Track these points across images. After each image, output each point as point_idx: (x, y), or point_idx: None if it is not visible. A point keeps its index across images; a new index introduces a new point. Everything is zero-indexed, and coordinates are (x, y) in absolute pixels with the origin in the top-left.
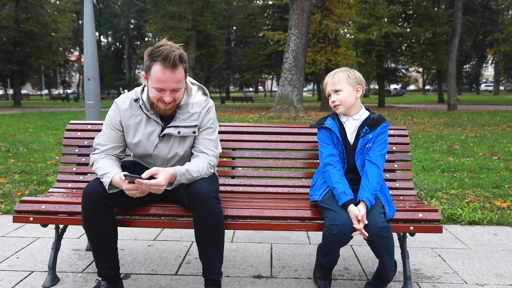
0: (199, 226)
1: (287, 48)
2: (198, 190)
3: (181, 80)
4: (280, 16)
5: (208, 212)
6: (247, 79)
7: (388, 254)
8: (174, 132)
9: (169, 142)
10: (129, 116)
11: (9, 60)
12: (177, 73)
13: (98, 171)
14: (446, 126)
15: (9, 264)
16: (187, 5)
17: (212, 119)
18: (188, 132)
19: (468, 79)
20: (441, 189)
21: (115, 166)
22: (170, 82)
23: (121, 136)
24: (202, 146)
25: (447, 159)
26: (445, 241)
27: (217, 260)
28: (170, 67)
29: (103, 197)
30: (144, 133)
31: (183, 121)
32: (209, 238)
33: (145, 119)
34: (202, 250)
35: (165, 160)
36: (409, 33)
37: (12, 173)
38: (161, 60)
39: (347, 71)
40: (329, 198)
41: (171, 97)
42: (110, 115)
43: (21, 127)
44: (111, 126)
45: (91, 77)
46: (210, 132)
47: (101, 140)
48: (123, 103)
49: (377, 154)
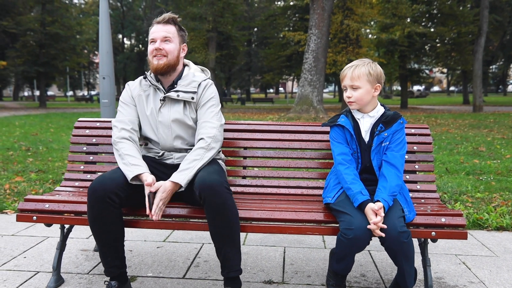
0: (212, 220)
1: (307, 49)
2: (207, 181)
3: (171, 32)
4: (301, 16)
5: (220, 204)
6: (267, 80)
7: (407, 261)
8: (173, 95)
9: (170, 106)
10: (139, 91)
11: (35, 62)
12: (168, 26)
13: (127, 156)
14: (471, 128)
15: (15, 264)
16: (207, 6)
17: (213, 93)
18: (187, 96)
19: (494, 80)
20: (466, 192)
21: (142, 160)
22: (160, 32)
23: (135, 110)
24: (202, 120)
25: (472, 161)
26: (470, 247)
27: (235, 255)
28: (161, 21)
29: (109, 193)
30: (153, 104)
31: (183, 87)
32: (224, 232)
33: (152, 92)
34: (218, 246)
35: (169, 127)
36: (433, 32)
37: (29, 172)
38: (155, 20)
39: (369, 66)
40: (343, 201)
41: (160, 46)
42: (123, 95)
43: (43, 127)
44: (125, 103)
45: (106, 75)
46: (210, 106)
47: (119, 118)
48: (134, 83)
49: (395, 154)
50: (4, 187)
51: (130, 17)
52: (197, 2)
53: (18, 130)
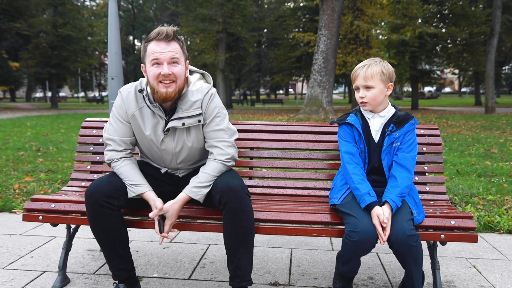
0: (230, 225)
1: (317, 49)
2: (229, 186)
3: (177, 51)
4: (311, 17)
5: (240, 210)
6: (277, 81)
7: (416, 265)
8: (178, 124)
9: (175, 135)
10: (134, 107)
11: (47, 64)
12: (173, 44)
13: (125, 177)
14: (483, 129)
15: (22, 263)
16: (217, 7)
17: (218, 107)
18: (193, 122)
19: (507, 81)
20: (477, 194)
21: (143, 177)
22: (165, 52)
23: (130, 129)
24: (213, 140)
25: (484, 163)
26: (481, 250)
27: (248, 264)
28: (163, 38)
29: (106, 197)
30: (151, 125)
31: (185, 111)
32: (241, 239)
33: (150, 110)
34: (232, 253)
35: (174, 154)
36: (445, 33)
37: (38, 172)
38: (153, 37)
39: (381, 65)
40: (349, 202)
41: (169, 70)
42: (116, 106)
43: (54, 128)
44: (118, 118)
45: (114, 76)
46: (219, 122)
47: (110, 134)
48: (128, 93)
49: (407, 156)
50: (14, 187)
51: (141, 19)
52: (207, 3)
53: (30, 130)
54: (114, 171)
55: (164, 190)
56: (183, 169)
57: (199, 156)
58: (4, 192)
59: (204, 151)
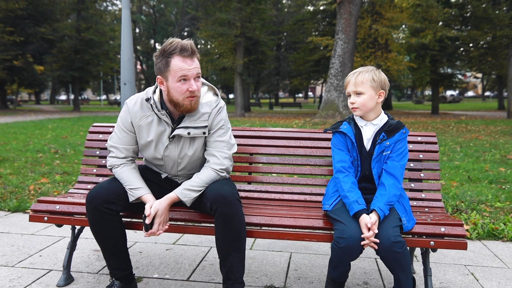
0: (221, 230)
1: (334, 53)
2: (220, 192)
3: (199, 66)
4: (329, 21)
5: (231, 216)
6: (295, 84)
7: (402, 271)
8: (183, 133)
9: (179, 143)
10: (140, 116)
11: (70, 67)
12: (196, 60)
13: (125, 182)
14: (503, 135)
15: (31, 262)
16: (235, 12)
17: (223, 120)
18: (198, 133)
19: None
20: (485, 201)
21: (142, 181)
22: (192, 69)
23: (134, 138)
24: (213, 148)
25: (497, 170)
26: (481, 258)
27: (240, 267)
28: (189, 55)
29: (106, 202)
30: (156, 133)
31: (192, 122)
32: (232, 244)
33: (156, 119)
34: (224, 257)
35: (175, 161)
36: (466, 36)
37: (54, 174)
38: (178, 52)
39: (373, 72)
40: (339, 209)
41: (197, 85)
42: (122, 116)
43: (74, 130)
44: (123, 128)
45: (127, 81)
46: (222, 134)
47: (114, 142)
48: (134, 103)
49: (396, 164)
50: (29, 188)
51: (162, 23)
52: (226, 7)
53: (50, 133)
54: (118, 179)
55: (163, 195)
56: (183, 176)
57: (199, 166)
58: (19, 193)
59: (205, 161)
